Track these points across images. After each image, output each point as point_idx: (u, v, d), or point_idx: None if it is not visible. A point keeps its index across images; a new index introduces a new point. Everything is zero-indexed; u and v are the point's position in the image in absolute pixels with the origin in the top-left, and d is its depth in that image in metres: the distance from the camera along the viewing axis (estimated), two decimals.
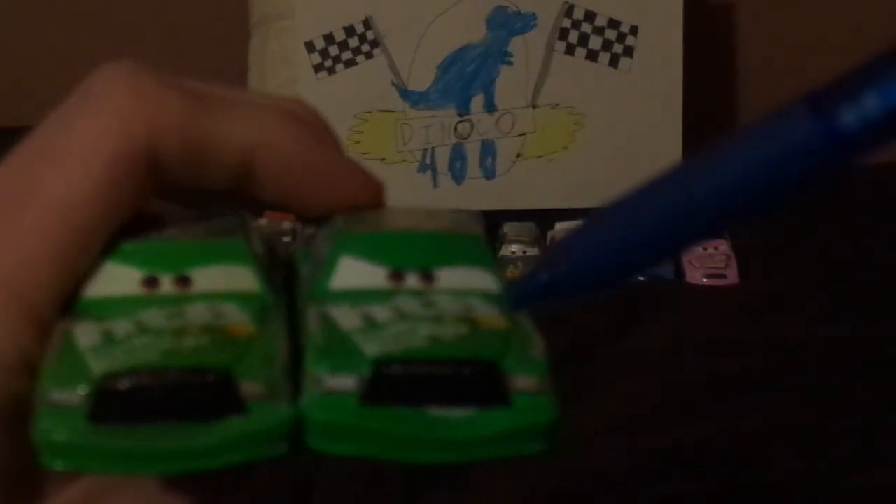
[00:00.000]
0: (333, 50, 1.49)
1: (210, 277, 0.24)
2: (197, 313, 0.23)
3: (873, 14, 1.67)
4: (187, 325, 0.23)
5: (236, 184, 0.25)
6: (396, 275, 0.24)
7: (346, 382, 0.22)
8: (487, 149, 1.51)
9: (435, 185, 1.51)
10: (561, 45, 1.50)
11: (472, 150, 1.51)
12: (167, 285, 0.24)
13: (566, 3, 1.49)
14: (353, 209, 0.26)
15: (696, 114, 1.53)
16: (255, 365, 0.23)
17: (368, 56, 1.49)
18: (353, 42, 1.49)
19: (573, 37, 1.50)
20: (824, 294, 1.12)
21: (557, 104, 1.51)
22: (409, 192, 1.50)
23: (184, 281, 0.24)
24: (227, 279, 0.24)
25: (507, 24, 1.50)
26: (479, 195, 1.50)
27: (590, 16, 1.49)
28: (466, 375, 0.23)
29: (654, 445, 0.86)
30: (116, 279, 0.24)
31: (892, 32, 1.68)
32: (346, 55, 1.49)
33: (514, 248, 1.35)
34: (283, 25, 1.55)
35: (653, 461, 0.83)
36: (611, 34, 1.49)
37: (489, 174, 1.51)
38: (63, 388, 0.22)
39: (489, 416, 0.23)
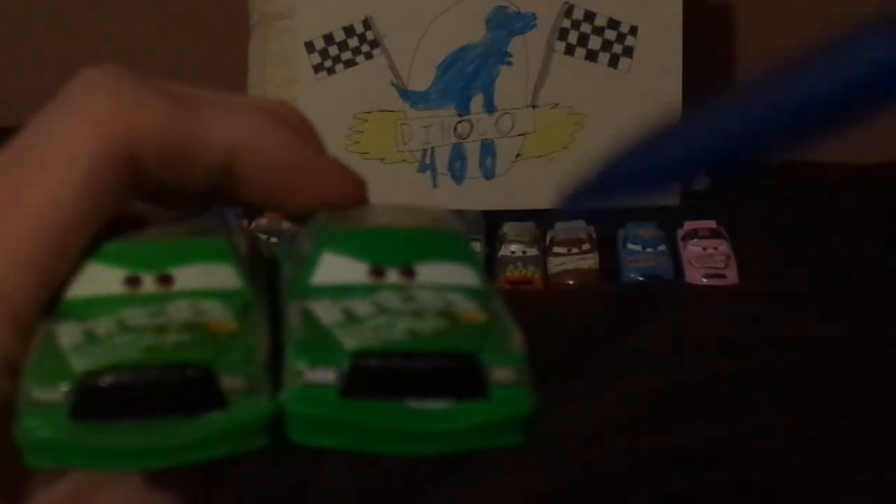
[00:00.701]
0: (333, 50, 1.49)
1: (192, 275, 0.24)
2: (178, 311, 0.23)
3: (873, 14, 1.67)
4: (169, 323, 0.23)
5: (219, 184, 0.25)
6: (377, 270, 0.25)
7: (325, 375, 0.23)
8: (487, 149, 1.51)
9: (435, 185, 1.51)
10: (561, 46, 1.50)
11: (472, 150, 1.51)
12: (149, 284, 0.24)
13: (566, 3, 1.49)
14: (336, 207, 0.27)
15: None
16: (235, 360, 0.23)
17: (368, 56, 1.49)
18: (353, 42, 1.49)
19: (573, 37, 1.50)
20: (824, 294, 1.12)
21: (557, 104, 1.51)
22: (409, 192, 1.50)
23: (166, 279, 0.24)
24: (208, 277, 0.24)
25: (506, 24, 1.50)
26: (478, 195, 1.50)
27: (589, 16, 1.49)
28: (444, 368, 0.23)
29: (655, 445, 0.86)
30: (98, 279, 0.24)
31: None
32: (346, 55, 1.49)
33: (513, 248, 1.35)
34: (283, 25, 1.55)
35: (653, 461, 0.83)
36: (610, 34, 1.49)
37: (489, 174, 1.51)
38: (45, 386, 0.22)
39: (467, 408, 0.23)
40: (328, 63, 1.49)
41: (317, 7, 1.50)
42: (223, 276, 0.24)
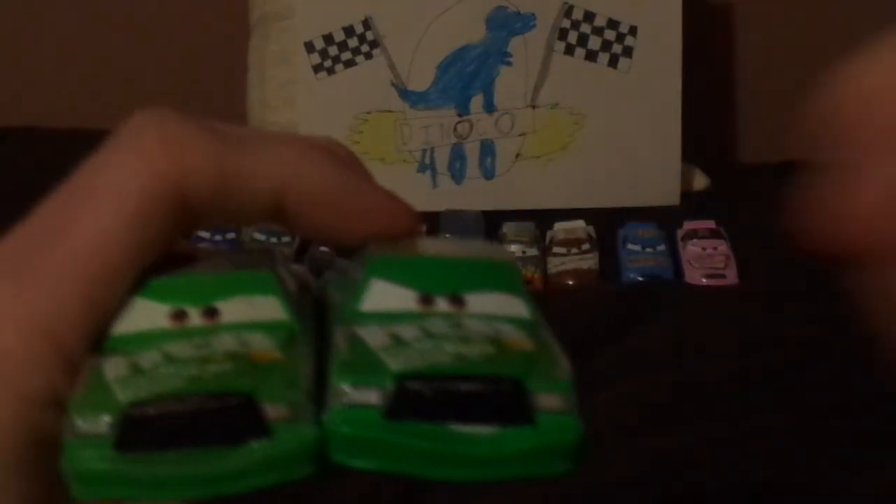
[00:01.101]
0: (333, 50, 1.49)
1: (237, 308, 0.24)
2: (223, 342, 0.23)
3: (873, 14, 1.67)
4: (213, 354, 0.23)
5: (269, 218, 0.26)
6: (426, 298, 0.25)
7: (369, 396, 0.22)
8: (487, 149, 1.51)
9: (434, 185, 1.51)
10: (560, 46, 1.50)
11: (472, 151, 1.51)
12: (195, 318, 0.24)
13: (566, 3, 1.49)
14: (387, 239, 0.27)
15: (695, 114, 1.53)
16: (278, 388, 0.23)
17: (368, 56, 1.49)
18: (353, 42, 1.49)
19: (572, 37, 1.50)
20: (824, 294, 1.12)
21: (557, 104, 1.51)
22: (408, 192, 1.49)
23: (211, 313, 0.24)
24: (253, 309, 0.24)
25: (506, 25, 1.50)
26: (478, 195, 1.50)
27: (589, 16, 1.49)
28: (491, 392, 0.23)
29: (655, 445, 0.86)
30: (145, 314, 0.24)
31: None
32: (346, 55, 1.49)
33: (513, 248, 1.35)
34: (283, 25, 1.55)
35: (653, 461, 0.83)
36: (610, 34, 1.49)
37: (488, 174, 1.51)
38: (90, 418, 0.22)
39: (513, 434, 0.23)
40: (328, 63, 1.49)
41: (317, 7, 1.50)
42: (268, 308, 0.24)
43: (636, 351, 1.03)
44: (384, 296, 0.25)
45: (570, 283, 1.29)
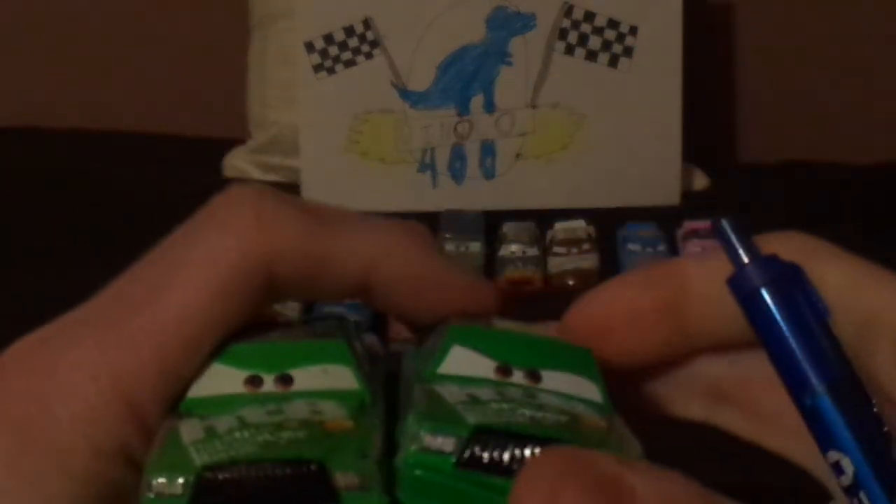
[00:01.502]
0: (333, 50, 1.49)
1: (310, 376, 0.25)
2: (296, 409, 0.24)
3: (872, 14, 1.68)
4: (286, 420, 0.24)
5: (354, 296, 0.27)
6: (504, 369, 0.25)
7: (444, 443, 0.23)
8: (487, 149, 1.51)
9: (435, 185, 1.51)
10: (560, 46, 1.50)
11: (472, 150, 1.51)
12: (269, 384, 0.25)
13: (566, 3, 1.49)
14: (467, 316, 0.27)
15: (695, 114, 1.53)
16: (349, 457, 0.23)
17: (368, 56, 1.49)
18: (353, 42, 1.49)
19: (573, 37, 1.50)
20: None
21: (557, 104, 1.51)
22: (409, 192, 1.50)
23: (285, 379, 0.25)
24: (327, 378, 0.25)
25: (506, 25, 1.50)
26: (478, 195, 1.50)
27: (589, 16, 1.49)
28: None
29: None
30: (222, 379, 0.25)
31: (890, 32, 1.68)
32: (346, 55, 1.49)
33: (513, 248, 1.35)
34: (283, 25, 1.55)
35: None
36: (610, 34, 1.49)
37: (489, 174, 1.51)
38: (166, 477, 0.23)
39: None
40: (328, 63, 1.49)
41: (317, 7, 1.50)
42: (341, 377, 0.25)
43: None
44: (463, 361, 0.25)
45: (570, 283, 1.29)
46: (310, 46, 1.48)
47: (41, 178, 1.49)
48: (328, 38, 1.49)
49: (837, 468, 0.23)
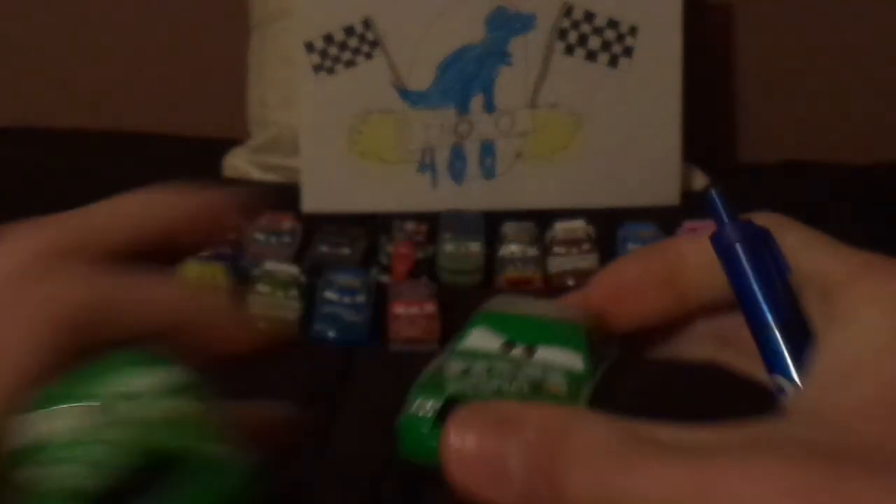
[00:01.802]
0: (333, 50, 1.49)
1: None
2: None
3: (871, 14, 1.68)
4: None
5: (163, 335, 0.31)
6: (508, 345, 0.31)
7: (426, 408, 0.29)
8: (487, 149, 1.51)
9: (435, 185, 1.51)
10: (560, 46, 1.50)
11: (472, 150, 1.51)
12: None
13: (566, 3, 1.49)
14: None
15: (695, 114, 1.53)
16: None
17: (368, 56, 1.49)
18: (353, 42, 1.49)
19: (572, 37, 1.50)
20: None
21: (557, 104, 1.51)
22: (409, 192, 1.51)
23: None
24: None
25: (506, 25, 1.50)
26: (478, 195, 1.50)
27: (589, 16, 1.49)
28: None
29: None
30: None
31: (890, 31, 1.68)
32: (346, 55, 1.49)
33: (513, 247, 1.35)
34: (283, 25, 1.55)
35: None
36: (610, 34, 1.49)
37: (489, 174, 1.51)
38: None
39: None
40: (328, 63, 1.49)
41: (317, 7, 1.50)
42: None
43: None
44: (480, 339, 0.32)
45: (570, 283, 1.29)
46: (310, 46, 1.48)
47: (41, 178, 1.50)
48: (328, 39, 1.49)
49: (779, 389, 0.29)
